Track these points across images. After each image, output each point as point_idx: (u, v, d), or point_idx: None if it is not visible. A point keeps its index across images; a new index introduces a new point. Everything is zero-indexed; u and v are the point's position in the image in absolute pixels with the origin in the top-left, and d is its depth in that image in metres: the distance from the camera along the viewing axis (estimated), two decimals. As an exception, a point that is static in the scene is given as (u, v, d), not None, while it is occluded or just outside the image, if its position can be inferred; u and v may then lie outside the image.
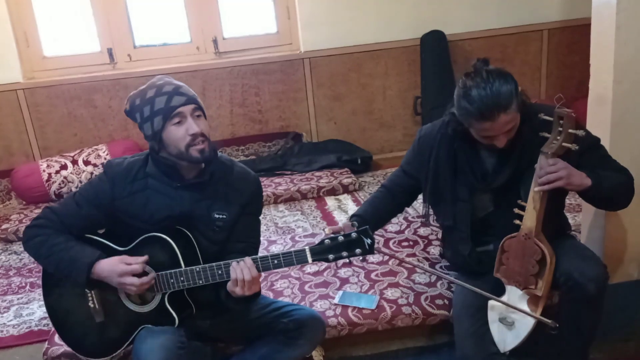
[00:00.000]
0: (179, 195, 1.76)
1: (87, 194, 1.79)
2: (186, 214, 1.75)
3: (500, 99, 1.67)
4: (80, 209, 1.77)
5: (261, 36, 4.00)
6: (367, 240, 1.60)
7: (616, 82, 1.99)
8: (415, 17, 3.91)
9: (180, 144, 1.68)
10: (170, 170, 1.75)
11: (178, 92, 1.70)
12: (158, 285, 1.71)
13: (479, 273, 1.97)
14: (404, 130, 4.14)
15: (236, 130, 4.00)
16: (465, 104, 1.71)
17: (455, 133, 1.88)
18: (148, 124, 1.70)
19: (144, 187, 1.76)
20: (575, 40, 4.00)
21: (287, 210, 3.28)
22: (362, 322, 2.06)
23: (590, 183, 1.72)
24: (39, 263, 1.81)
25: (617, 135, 2.04)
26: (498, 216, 1.89)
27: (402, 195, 2.12)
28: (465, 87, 1.72)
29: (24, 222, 3.28)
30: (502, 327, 1.82)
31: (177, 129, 1.68)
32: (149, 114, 1.69)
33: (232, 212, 1.78)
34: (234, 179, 1.82)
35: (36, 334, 2.26)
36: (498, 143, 1.75)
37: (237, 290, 1.61)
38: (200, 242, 1.75)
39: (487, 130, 1.72)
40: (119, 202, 1.76)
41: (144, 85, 1.75)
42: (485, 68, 1.74)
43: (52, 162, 3.63)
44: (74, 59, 3.84)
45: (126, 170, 1.78)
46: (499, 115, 1.67)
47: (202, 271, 1.67)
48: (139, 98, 1.72)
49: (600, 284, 1.73)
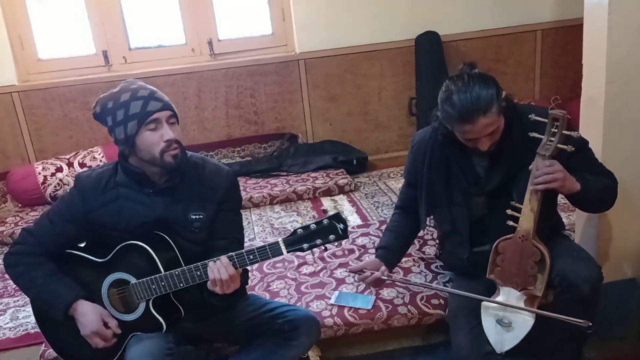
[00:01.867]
0: (152, 201, 1.74)
1: (59, 210, 1.78)
2: (162, 219, 1.73)
3: (480, 103, 1.69)
4: (54, 226, 1.76)
5: (256, 38, 4.01)
6: (339, 225, 1.59)
7: (608, 83, 2.00)
8: (410, 18, 3.93)
9: (155, 149, 1.66)
10: (141, 177, 1.73)
11: (154, 97, 1.67)
12: (140, 293, 1.71)
13: (475, 274, 1.98)
14: (400, 131, 4.15)
15: (232, 132, 4.00)
16: (447, 108, 1.74)
17: (445, 138, 1.90)
18: (121, 127, 1.67)
19: (115, 196, 1.74)
20: (569, 41, 4.02)
21: (283, 211, 3.29)
22: (358, 322, 2.07)
23: (579, 188, 1.75)
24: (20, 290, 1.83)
25: (610, 135, 2.05)
26: (493, 218, 1.90)
27: (416, 209, 2.09)
28: (447, 91, 1.75)
29: (19, 225, 3.28)
30: (500, 329, 1.82)
31: (152, 135, 1.66)
32: (123, 117, 1.66)
33: (208, 210, 1.76)
34: (207, 177, 1.79)
35: (33, 336, 2.26)
36: (481, 146, 1.77)
37: (217, 289, 1.62)
38: (181, 245, 1.74)
39: (468, 133, 1.75)
40: (92, 215, 1.75)
41: (115, 88, 1.72)
42: (468, 72, 1.76)
43: (47, 164, 3.63)
44: (69, 61, 3.85)
45: (96, 182, 1.76)
46: (479, 118, 1.70)
47: (182, 274, 1.66)
48: (112, 101, 1.68)
49: (594, 284, 1.75)
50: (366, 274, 1.96)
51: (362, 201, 3.32)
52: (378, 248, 2.10)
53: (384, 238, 2.13)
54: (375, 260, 2.03)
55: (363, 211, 3.18)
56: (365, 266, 2.01)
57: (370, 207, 3.22)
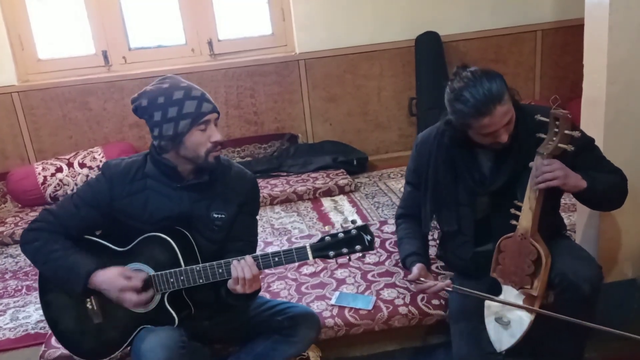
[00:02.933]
0: (178, 195, 1.77)
1: (85, 195, 1.79)
2: (185, 214, 1.76)
3: (492, 92, 1.69)
4: (78, 210, 1.77)
5: (256, 38, 4.01)
6: (366, 236, 1.61)
7: (609, 83, 2.00)
8: (410, 19, 3.93)
9: (201, 149, 1.70)
10: (171, 171, 1.76)
11: (205, 99, 1.71)
12: (158, 285, 1.71)
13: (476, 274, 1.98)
14: (399, 131, 4.15)
15: (232, 132, 4.00)
16: (460, 106, 1.72)
17: (452, 141, 1.89)
18: (171, 124, 1.68)
19: (142, 187, 1.77)
20: (569, 41, 4.02)
21: (283, 212, 3.29)
22: (358, 322, 2.07)
23: (586, 185, 1.74)
24: (36, 267, 1.81)
25: (611, 136, 2.05)
26: (496, 217, 1.90)
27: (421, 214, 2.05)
28: (455, 91, 1.74)
29: (19, 225, 3.27)
30: (498, 327, 1.83)
31: (201, 135, 1.69)
32: (176, 114, 1.67)
33: (230, 211, 1.80)
34: (232, 178, 1.83)
35: (33, 337, 2.25)
36: (501, 138, 1.75)
37: (239, 288, 1.63)
38: (199, 242, 1.77)
39: (487, 127, 1.72)
40: (117, 203, 1.76)
41: (162, 83, 1.72)
42: (469, 69, 1.76)
43: (47, 164, 3.62)
44: (68, 61, 3.84)
45: (125, 171, 1.78)
46: (495, 108, 1.69)
47: (203, 270, 1.67)
48: (163, 97, 1.68)
49: (594, 284, 1.75)
50: (429, 283, 1.82)
51: (362, 201, 3.32)
52: (407, 256, 1.96)
53: (407, 246, 2.00)
54: (422, 266, 1.90)
55: (363, 211, 3.17)
56: (420, 274, 1.86)
57: (370, 208, 3.22)
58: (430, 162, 1.97)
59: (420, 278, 1.85)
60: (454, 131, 1.84)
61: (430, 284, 1.83)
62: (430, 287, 1.83)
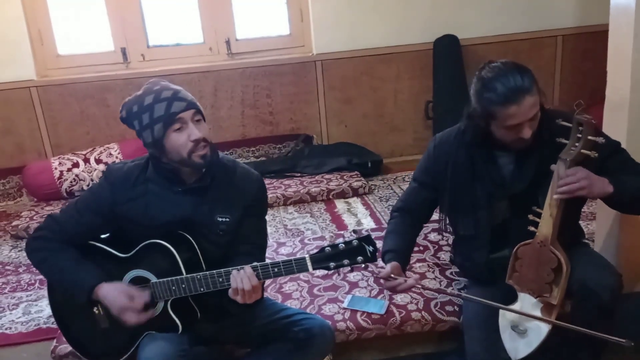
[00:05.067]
0: (180, 200, 1.73)
1: (87, 201, 1.78)
2: (188, 219, 1.72)
3: (524, 81, 1.67)
4: (81, 216, 1.76)
5: (274, 38, 4.01)
6: (369, 247, 1.57)
7: (633, 90, 1.97)
8: (429, 22, 3.90)
9: (182, 150, 1.64)
10: (171, 175, 1.72)
11: (177, 98, 1.65)
12: (160, 292, 1.70)
13: (491, 280, 1.95)
14: (415, 135, 4.12)
15: (247, 132, 4.00)
16: (489, 94, 1.70)
17: (474, 139, 1.86)
18: (148, 131, 1.65)
19: (144, 192, 1.73)
20: (590, 47, 3.97)
21: (296, 213, 3.27)
22: (371, 327, 2.05)
23: (612, 190, 1.69)
24: (41, 275, 1.82)
25: (633, 142, 2.01)
26: (515, 223, 1.86)
27: (420, 212, 2.05)
28: (483, 80, 1.72)
29: (34, 220, 3.30)
30: (515, 335, 1.79)
31: (179, 136, 1.64)
32: (149, 121, 1.64)
33: (235, 214, 1.75)
34: (237, 180, 1.78)
35: (44, 331, 2.27)
36: (524, 134, 1.71)
37: (238, 298, 1.60)
38: (204, 247, 1.73)
39: (513, 117, 1.69)
40: (119, 208, 1.74)
41: (140, 90, 1.70)
42: (499, 61, 1.74)
43: (64, 159, 3.65)
44: (87, 57, 3.87)
45: (126, 176, 1.75)
46: (524, 97, 1.66)
47: (204, 278, 1.64)
48: (136, 105, 1.66)
49: (614, 292, 1.71)
50: (399, 280, 1.81)
51: (375, 204, 3.30)
52: (386, 252, 1.95)
53: (389, 241, 1.99)
54: (397, 264, 1.89)
55: (377, 214, 3.15)
56: (392, 272, 1.85)
57: (384, 211, 3.19)
58: (449, 163, 1.93)
59: (391, 275, 1.81)
60: (476, 127, 1.81)
61: (399, 281, 1.80)
62: (399, 285, 1.79)
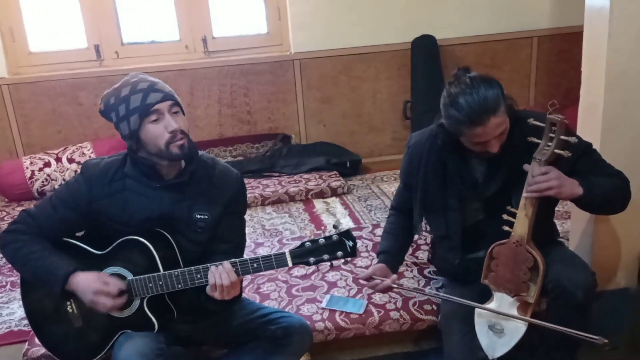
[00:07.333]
0: (159, 196, 1.71)
1: (63, 196, 1.74)
2: (166, 215, 1.70)
3: (488, 103, 1.66)
4: (56, 212, 1.72)
5: (251, 36, 3.98)
6: (348, 242, 1.57)
7: (607, 90, 1.99)
8: (407, 22, 3.92)
9: (160, 141, 1.64)
10: (149, 170, 1.70)
11: (154, 89, 1.65)
12: (137, 290, 1.67)
13: (467, 280, 1.96)
14: (393, 134, 4.13)
15: (224, 131, 3.96)
16: (454, 113, 1.70)
17: (445, 145, 1.86)
18: (124, 123, 1.65)
19: (121, 188, 1.71)
20: (565, 48, 4.03)
21: (274, 213, 3.25)
22: (349, 326, 2.04)
23: (582, 192, 1.71)
24: (15, 269, 1.76)
25: (608, 143, 2.04)
26: (489, 224, 1.88)
27: (411, 210, 2.05)
28: (451, 96, 1.71)
29: (5, 220, 3.22)
30: (492, 334, 1.80)
31: (155, 127, 1.63)
32: (125, 112, 1.63)
33: (214, 212, 1.73)
34: (216, 177, 1.77)
35: (16, 334, 2.21)
36: (491, 148, 1.73)
37: (216, 294, 1.58)
38: (182, 244, 1.71)
39: (479, 136, 1.71)
40: (96, 204, 1.71)
41: (118, 83, 1.70)
42: (468, 75, 1.73)
43: (35, 159, 3.57)
44: (60, 55, 3.79)
45: (103, 171, 1.72)
46: (489, 119, 1.67)
47: (181, 275, 1.62)
48: (114, 97, 1.66)
49: (588, 290, 1.73)
50: (376, 281, 1.88)
51: (354, 204, 3.29)
52: (380, 253, 2.04)
53: (384, 242, 2.07)
54: (382, 266, 1.95)
55: (356, 214, 3.15)
56: (374, 272, 1.92)
57: (363, 210, 3.19)
58: (421, 164, 1.95)
59: (372, 276, 1.88)
60: (447, 134, 1.82)
61: (377, 281, 1.86)
62: (377, 285, 1.86)
